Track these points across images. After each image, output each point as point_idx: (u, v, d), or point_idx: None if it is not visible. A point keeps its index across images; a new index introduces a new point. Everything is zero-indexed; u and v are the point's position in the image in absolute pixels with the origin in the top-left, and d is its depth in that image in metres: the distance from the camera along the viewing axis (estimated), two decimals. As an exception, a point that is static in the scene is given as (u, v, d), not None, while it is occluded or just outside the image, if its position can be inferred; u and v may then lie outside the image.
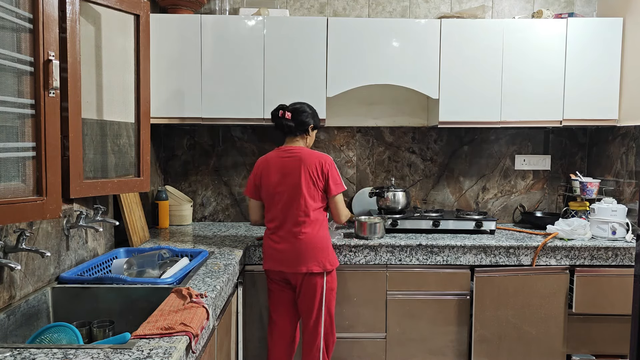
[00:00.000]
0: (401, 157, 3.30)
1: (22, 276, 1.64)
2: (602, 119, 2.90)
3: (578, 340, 2.68)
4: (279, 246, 2.31)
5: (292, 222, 2.30)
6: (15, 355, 1.20)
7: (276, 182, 2.32)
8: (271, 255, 2.34)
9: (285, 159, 2.34)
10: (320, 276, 2.31)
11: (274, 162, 2.36)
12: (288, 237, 2.30)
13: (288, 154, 2.35)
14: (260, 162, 2.41)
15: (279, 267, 2.32)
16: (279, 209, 2.32)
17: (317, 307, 2.32)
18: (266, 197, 2.38)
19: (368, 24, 2.85)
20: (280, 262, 2.31)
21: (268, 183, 2.35)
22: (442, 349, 2.68)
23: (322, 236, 2.33)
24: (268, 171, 2.35)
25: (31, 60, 1.48)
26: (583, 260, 2.63)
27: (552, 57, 2.85)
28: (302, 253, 2.28)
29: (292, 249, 2.29)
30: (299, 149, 2.36)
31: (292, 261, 2.29)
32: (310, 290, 2.31)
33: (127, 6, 2.11)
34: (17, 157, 1.46)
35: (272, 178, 2.33)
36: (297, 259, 2.28)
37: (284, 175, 2.32)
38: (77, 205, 2.03)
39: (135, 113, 2.24)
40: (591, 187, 2.94)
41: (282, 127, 2.37)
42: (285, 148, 2.38)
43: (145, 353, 1.21)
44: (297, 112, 2.37)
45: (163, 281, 1.82)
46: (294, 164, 2.31)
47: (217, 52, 2.80)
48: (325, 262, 2.30)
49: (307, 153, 2.34)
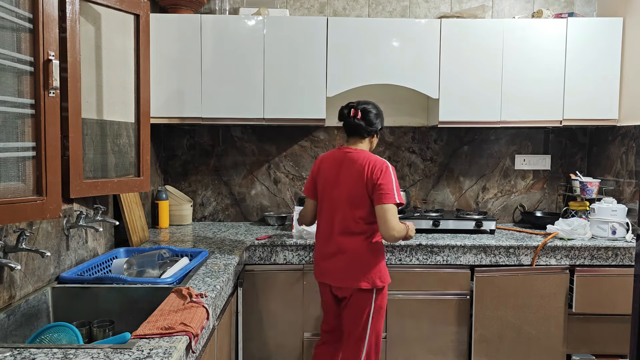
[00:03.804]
0: (401, 157, 3.30)
1: (22, 276, 1.64)
2: (602, 119, 2.90)
3: (578, 340, 2.68)
4: (325, 257, 2.14)
5: (339, 232, 2.09)
6: (15, 355, 1.20)
7: (330, 185, 2.14)
8: (318, 265, 2.18)
9: (341, 161, 2.13)
10: (370, 293, 2.07)
11: (330, 162, 2.17)
12: (335, 248, 2.10)
13: (345, 155, 2.13)
14: (318, 160, 2.24)
15: (324, 279, 2.15)
16: (327, 215, 2.14)
17: (362, 325, 2.09)
18: (320, 198, 2.20)
19: (368, 23, 2.85)
20: (325, 273, 2.14)
21: (322, 184, 2.17)
22: (442, 349, 2.68)
23: (372, 249, 2.09)
24: (323, 172, 2.18)
25: (31, 60, 1.48)
26: (583, 260, 2.63)
27: (552, 57, 2.85)
28: (350, 267, 2.07)
29: (339, 261, 2.08)
30: (357, 151, 2.13)
31: (338, 274, 2.09)
32: (356, 307, 2.09)
33: (127, 6, 2.11)
34: (17, 157, 1.46)
35: (326, 180, 2.15)
36: (344, 272, 2.08)
37: (336, 179, 2.12)
38: (77, 205, 2.03)
39: (135, 113, 2.24)
40: (591, 187, 2.94)
41: (350, 126, 2.15)
42: (346, 149, 2.16)
43: (145, 353, 1.21)
44: (366, 112, 2.15)
45: (163, 281, 1.82)
46: (347, 167, 2.10)
47: (217, 52, 2.80)
48: (376, 279, 2.06)
49: (362, 155, 2.10)
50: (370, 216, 2.07)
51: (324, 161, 2.21)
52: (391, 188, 2.02)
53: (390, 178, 2.04)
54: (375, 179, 2.02)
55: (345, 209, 2.08)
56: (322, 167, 2.19)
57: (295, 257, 2.62)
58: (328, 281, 2.14)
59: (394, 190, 2.02)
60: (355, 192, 2.06)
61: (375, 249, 2.10)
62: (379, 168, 2.04)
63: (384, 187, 2.00)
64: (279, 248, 2.61)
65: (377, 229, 2.07)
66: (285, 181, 3.29)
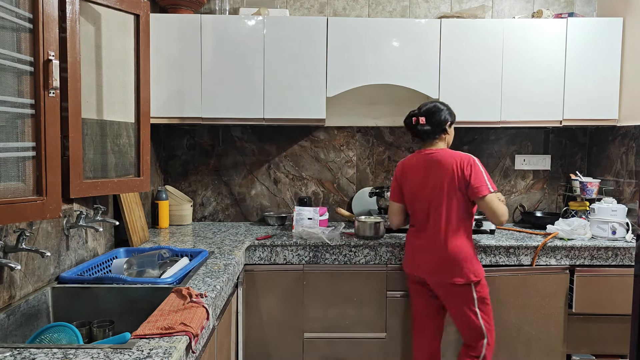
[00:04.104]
0: (401, 157, 3.30)
1: (22, 276, 1.64)
2: (602, 119, 2.90)
3: (578, 340, 2.68)
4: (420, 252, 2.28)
5: (434, 230, 2.22)
6: (15, 355, 1.20)
7: (417, 187, 2.26)
8: (413, 259, 2.31)
9: (425, 163, 2.27)
10: (468, 287, 2.22)
11: (414, 166, 2.30)
12: (431, 245, 2.23)
13: (428, 157, 2.27)
14: (401, 165, 2.37)
15: (421, 273, 2.29)
16: (421, 216, 2.26)
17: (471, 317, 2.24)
18: (408, 203, 2.34)
19: (368, 23, 2.85)
20: (420, 268, 2.27)
21: (409, 188, 2.30)
22: (442, 349, 2.67)
23: (466, 245, 2.22)
24: (408, 176, 2.31)
25: (31, 60, 1.48)
26: (583, 260, 2.63)
27: (552, 57, 2.85)
28: (446, 263, 2.19)
29: (435, 257, 2.21)
30: (439, 151, 2.27)
31: (434, 270, 2.23)
32: (458, 302, 2.25)
33: (127, 6, 2.11)
34: (17, 157, 1.46)
35: (413, 183, 2.27)
36: (440, 268, 2.21)
37: (424, 181, 2.25)
38: (77, 205, 2.03)
39: (135, 113, 2.24)
40: (591, 187, 2.94)
41: (419, 133, 2.30)
42: (426, 151, 2.30)
43: (145, 353, 1.21)
44: (431, 114, 2.28)
45: (163, 281, 1.82)
46: (434, 168, 2.23)
47: (217, 52, 2.80)
48: (470, 274, 2.19)
49: (447, 155, 2.23)
50: (463, 212, 2.21)
51: (407, 166, 2.36)
52: (483, 180, 2.16)
53: (479, 170, 2.17)
54: (467, 175, 2.16)
55: (439, 208, 2.20)
56: (407, 172, 2.34)
57: (295, 257, 2.62)
58: (424, 276, 2.28)
59: (486, 180, 2.16)
60: (446, 190, 2.18)
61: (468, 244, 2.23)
62: (467, 164, 2.17)
63: (477, 181, 2.14)
64: (279, 248, 2.61)
65: (469, 225, 2.25)
66: (285, 181, 3.29)
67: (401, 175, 2.36)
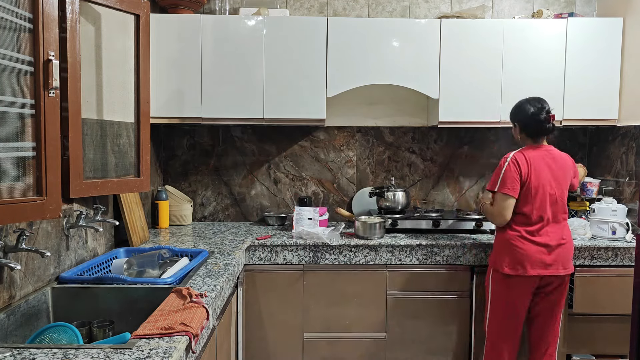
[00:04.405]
0: (401, 157, 3.30)
1: (22, 276, 1.64)
2: (602, 119, 2.90)
3: (578, 340, 2.68)
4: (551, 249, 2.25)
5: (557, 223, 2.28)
6: (15, 355, 1.20)
7: (547, 182, 2.26)
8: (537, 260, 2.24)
9: (549, 159, 2.30)
10: (568, 278, 2.34)
11: (539, 160, 2.29)
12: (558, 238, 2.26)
13: (552, 154, 2.32)
14: (525, 158, 2.28)
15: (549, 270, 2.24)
16: (542, 210, 2.25)
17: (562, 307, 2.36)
18: (531, 197, 2.26)
19: (368, 23, 2.85)
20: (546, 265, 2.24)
21: (537, 182, 2.26)
22: (442, 349, 2.68)
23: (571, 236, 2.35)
24: (536, 169, 2.27)
25: (31, 60, 1.48)
26: (583, 260, 2.63)
27: (552, 57, 2.85)
28: (568, 253, 2.28)
29: (563, 250, 2.26)
30: (555, 150, 2.36)
31: (564, 262, 2.26)
32: (561, 292, 2.32)
33: (127, 6, 2.11)
34: (17, 157, 1.46)
35: (542, 177, 2.26)
36: (564, 260, 2.26)
37: (553, 176, 2.28)
38: (77, 205, 2.03)
39: (135, 113, 2.24)
40: (591, 187, 2.94)
41: (546, 130, 2.32)
42: (545, 147, 2.34)
43: (145, 353, 1.21)
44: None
45: (163, 281, 1.82)
46: (558, 164, 2.30)
47: (217, 52, 2.80)
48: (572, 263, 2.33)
49: (561, 153, 2.36)
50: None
51: (532, 159, 2.29)
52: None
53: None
54: (574, 173, 2.38)
55: (560, 203, 2.29)
56: (532, 165, 2.28)
57: (295, 257, 2.62)
58: (553, 272, 2.25)
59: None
60: (565, 186, 2.31)
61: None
62: (574, 164, 2.41)
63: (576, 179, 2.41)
64: (279, 248, 2.61)
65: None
66: (285, 181, 3.29)
67: (527, 169, 2.27)
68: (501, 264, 2.29)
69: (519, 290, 2.28)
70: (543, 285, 2.29)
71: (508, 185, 2.25)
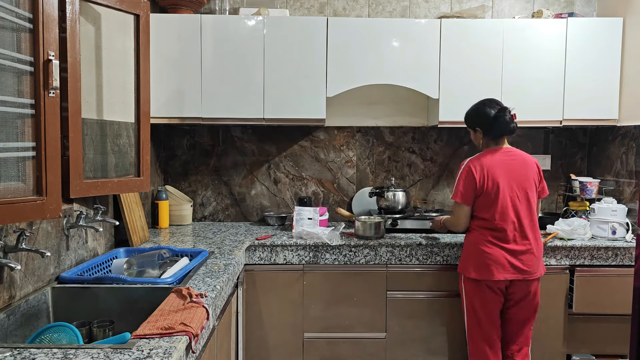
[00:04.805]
0: (401, 157, 3.30)
1: (22, 276, 1.64)
2: (602, 119, 2.90)
3: (578, 340, 2.68)
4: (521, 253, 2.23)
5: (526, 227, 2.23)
6: (15, 355, 1.20)
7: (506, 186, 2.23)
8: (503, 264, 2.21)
9: (509, 161, 2.27)
10: (538, 281, 2.31)
11: (496, 165, 2.25)
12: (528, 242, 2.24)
13: (511, 156, 2.29)
14: (476, 165, 2.27)
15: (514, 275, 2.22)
16: (506, 214, 2.22)
17: (533, 313, 2.32)
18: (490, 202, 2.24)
19: (368, 23, 2.85)
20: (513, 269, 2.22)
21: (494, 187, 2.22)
22: (442, 349, 2.68)
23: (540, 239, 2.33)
24: (492, 175, 2.23)
25: (31, 60, 1.48)
26: (583, 260, 2.63)
27: (552, 57, 2.85)
28: (536, 257, 2.26)
29: (529, 254, 2.24)
30: (516, 150, 2.33)
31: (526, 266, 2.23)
32: (536, 293, 2.30)
33: (127, 6, 2.11)
34: (17, 157, 1.46)
35: (501, 182, 2.23)
36: (532, 263, 2.24)
37: (513, 178, 2.24)
38: (77, 205, 2.03)
39: (135, 113, 2.24)
40: (591, 187, 2.94)
41: (510, 130, 2.29)
42: (505, 149, 2.31)
43: (145, 353, 1.21)
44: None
45: (163, 281, 1.82)
46: (518, 164, 2.27)
47: (217, 52, 2.80)
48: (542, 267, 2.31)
49: (524, 154, 2.32)
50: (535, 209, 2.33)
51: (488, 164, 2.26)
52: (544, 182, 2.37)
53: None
54: (541, 175, 2.33)
55: (524, 204, 2.25)
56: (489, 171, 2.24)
57: (295, 257, 2.62)
58: (519, 276, 2.23)
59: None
60: (529, 186, 2.27)
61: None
62: (538, 165, 2.35)
63: (544, 182, 2.35)
64: (279, 248, 2.61)
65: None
66: (285, 181, 3.29)
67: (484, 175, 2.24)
68: (468, 268, 2.29)
69: (487, 294, 2.27)
70: (512, 290, 2.26)
71: (460, 194, 2.30)
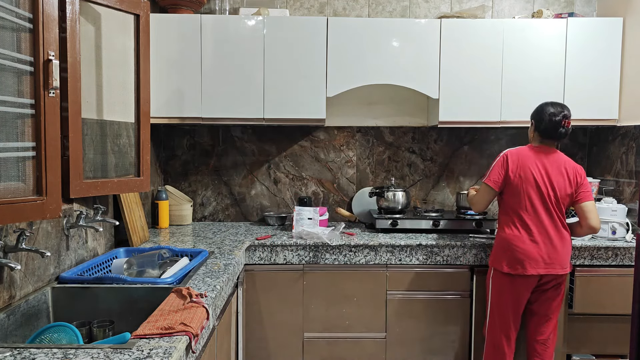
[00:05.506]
0: (401, 157, 3.30)
1: (22, 276, 1.64)
2: (602, 119, 2.90)
3: (578, 340, 2.68)
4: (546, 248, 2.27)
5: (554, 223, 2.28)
6: (15, 355, 1.20)
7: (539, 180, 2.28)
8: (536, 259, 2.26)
9: (546, 159, 2.31)
10: (564, 277, 2.36)
11: (532, 159, 2.31)
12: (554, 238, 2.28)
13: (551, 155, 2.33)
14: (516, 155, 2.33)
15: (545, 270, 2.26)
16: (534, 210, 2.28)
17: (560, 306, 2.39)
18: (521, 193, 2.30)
19: (368, 23, 2.85)
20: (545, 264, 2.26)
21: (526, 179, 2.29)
22: (442, 349, 2.68)
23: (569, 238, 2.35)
24: (525, 167, 2.30)
25: (31, 60, 1.48)
26: (583, 260, 2.63)
27: (552, 57, 2.85)
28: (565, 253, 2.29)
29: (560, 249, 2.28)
30: (559, 152, 2.37)
31: (556, 261, 2.27)
32: (562, 289, 2.35)
33: (127, 6, 2.11)
34: (17, 157, 1.46)
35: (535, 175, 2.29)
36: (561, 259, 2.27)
37: (547, 175, 2.29)
38: (77, 205, 2.03)
39: (135, 113, 2.24)
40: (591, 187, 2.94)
41: (560, 135, 2.33)
42: (548, 149, 2.35)
43: (145, 353, 1.21)
44: None
45: (163, 281, 1.82)
46: (555, 165, 2.31)
47: (217, 52, 2.80)
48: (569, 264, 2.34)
49: (566, 158, 2.36)
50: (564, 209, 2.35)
51: (523, 157, 2.33)
52: (590, 188, 2.36)
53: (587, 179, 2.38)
54: (580, 179, 2.32)
55: (554, 202, 2.28)
56: (525, 163, 2.31)
57: (295, 257, 2.62)
58: (551, 270, 2.27)
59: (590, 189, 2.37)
60: (562, 187, 2.29)
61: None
62: (580, 171, 2.34)
63: (587, 187, 2.33)
64: (279, 248, 2.61)
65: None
66: (285, 181, 3.29)
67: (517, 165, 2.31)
68: (500, 263, 2.31)
69: (517, 288, 2.30)
70: (541, 284, 2.32)
71: (491, 177, 2.36)
